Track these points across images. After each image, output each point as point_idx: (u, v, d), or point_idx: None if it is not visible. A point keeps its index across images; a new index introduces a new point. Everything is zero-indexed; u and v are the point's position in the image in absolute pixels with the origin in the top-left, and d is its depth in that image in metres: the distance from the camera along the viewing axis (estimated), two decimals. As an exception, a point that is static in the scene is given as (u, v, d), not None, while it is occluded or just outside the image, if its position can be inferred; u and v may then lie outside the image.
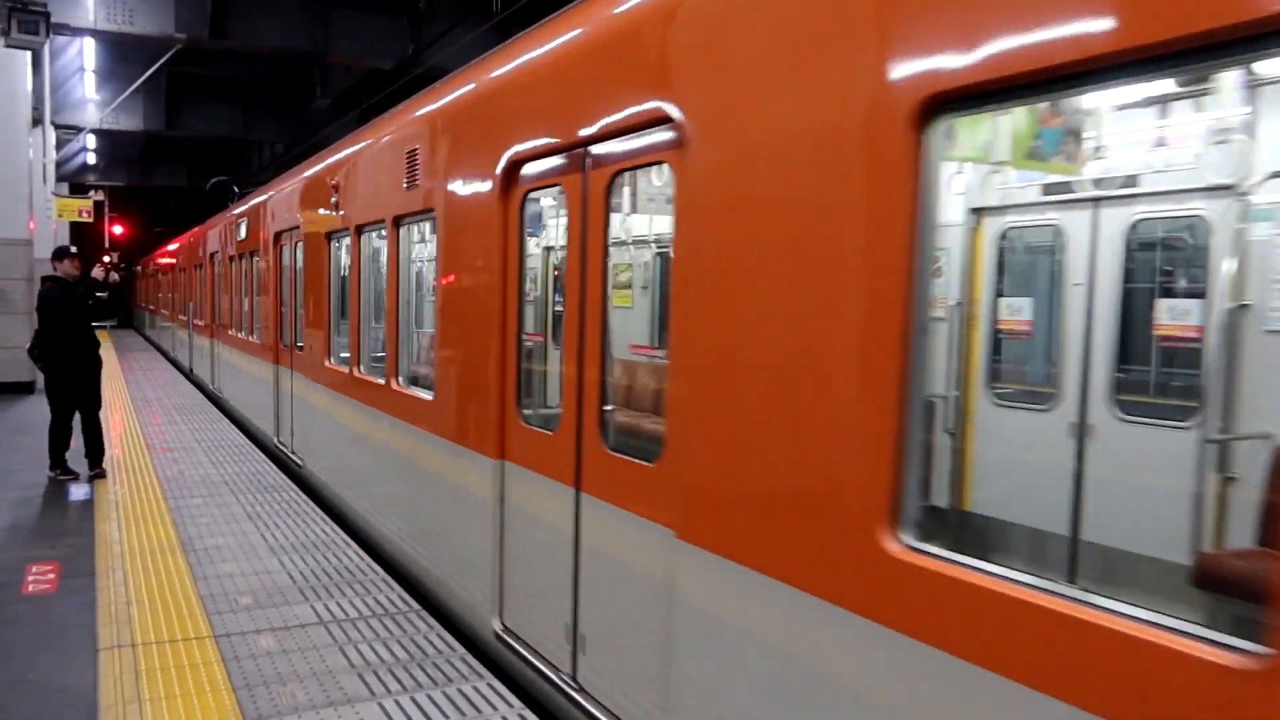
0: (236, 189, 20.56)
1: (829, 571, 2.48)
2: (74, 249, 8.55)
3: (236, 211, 12.91)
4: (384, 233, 6.39)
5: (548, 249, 7.69)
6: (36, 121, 16.40)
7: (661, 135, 3.31)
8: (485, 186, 4.61)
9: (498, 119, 4.58)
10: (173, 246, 23.83)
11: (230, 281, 13.24)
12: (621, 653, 3.57)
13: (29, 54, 13.75)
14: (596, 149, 3.74)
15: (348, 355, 7.22)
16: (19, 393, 13.50)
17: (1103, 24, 1.86)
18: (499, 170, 4.43)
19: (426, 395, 5.42)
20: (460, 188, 4.98)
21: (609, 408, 3.74)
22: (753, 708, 2.80)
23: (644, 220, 7.23)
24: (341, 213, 7.26)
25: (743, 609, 2.83)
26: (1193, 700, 1.73)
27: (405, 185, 5.77)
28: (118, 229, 38.34)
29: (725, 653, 2.92)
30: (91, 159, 28.61)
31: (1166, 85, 4.22)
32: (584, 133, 3.72)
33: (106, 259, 9.63)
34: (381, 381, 6.22)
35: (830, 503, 2.49)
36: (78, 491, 7.78)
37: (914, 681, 2.25)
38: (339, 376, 7.33)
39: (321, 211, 7.88)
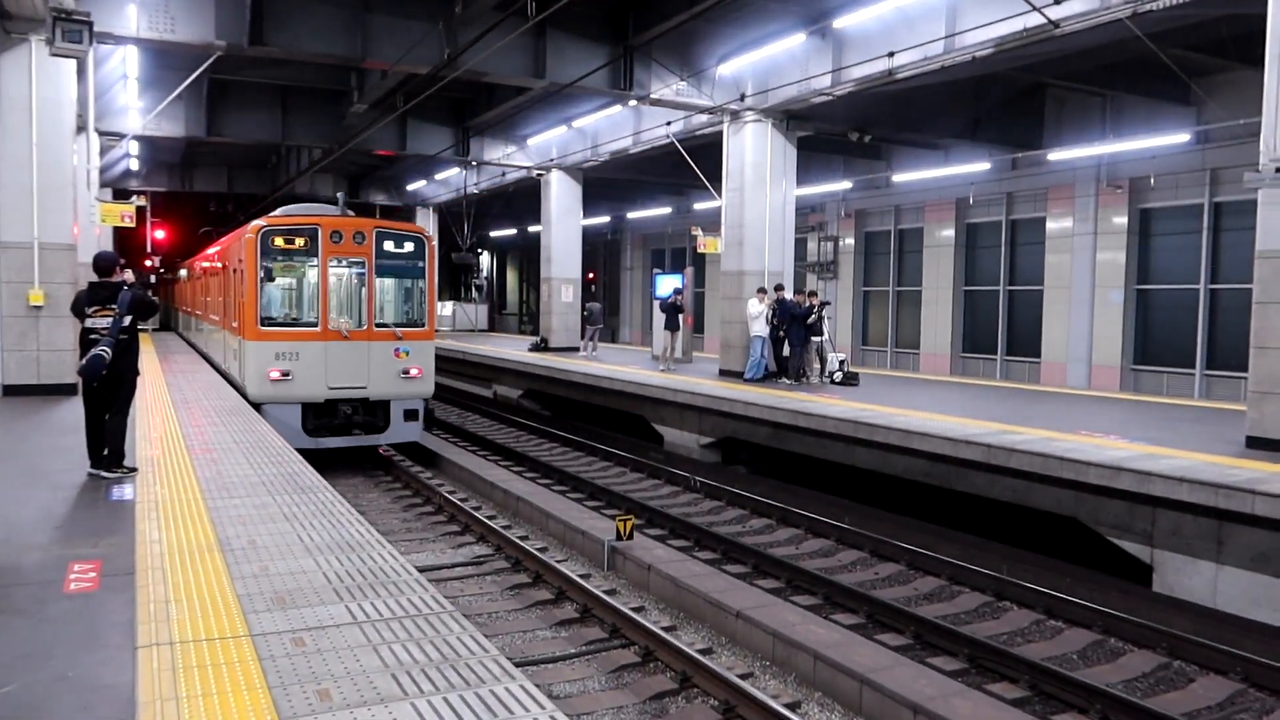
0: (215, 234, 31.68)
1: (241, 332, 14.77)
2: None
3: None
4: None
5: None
6: (80, 129, 16.74)
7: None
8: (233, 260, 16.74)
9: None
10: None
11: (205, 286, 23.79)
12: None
13: (73, 62, 14.02)
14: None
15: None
16: (61, 394, 13.76)
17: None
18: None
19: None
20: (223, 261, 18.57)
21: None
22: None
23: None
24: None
25: (230, 342, 16.54)
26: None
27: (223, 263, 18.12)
28: (159, 233, 39.04)
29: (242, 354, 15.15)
30: (134, 165, 29.07)
31: None
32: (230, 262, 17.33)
33: (148, 263, 10.17)
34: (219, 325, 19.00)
35: (244, 325, 14.58)
36: (119, 491, 7.92)
37: (258, 350, 14.40)
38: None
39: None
